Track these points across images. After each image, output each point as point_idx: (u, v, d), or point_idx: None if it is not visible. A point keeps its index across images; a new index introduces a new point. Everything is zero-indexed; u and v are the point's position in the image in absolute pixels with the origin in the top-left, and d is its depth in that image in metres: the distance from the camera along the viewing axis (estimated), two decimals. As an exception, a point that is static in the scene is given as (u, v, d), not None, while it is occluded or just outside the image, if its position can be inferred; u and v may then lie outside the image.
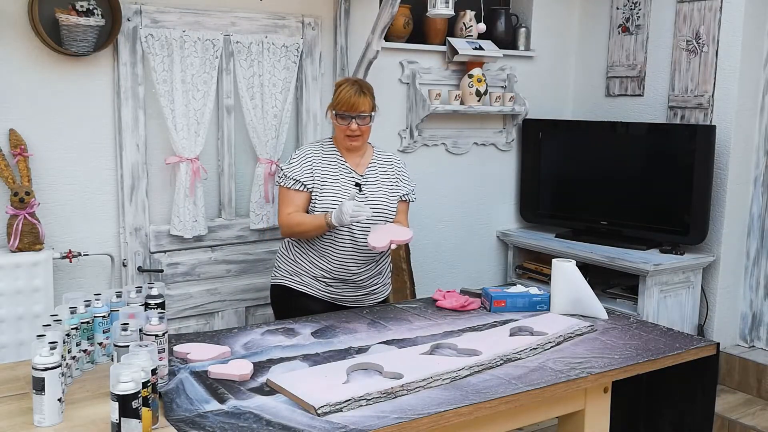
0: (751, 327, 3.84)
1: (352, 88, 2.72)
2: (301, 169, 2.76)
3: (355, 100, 2.70)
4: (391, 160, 2.92)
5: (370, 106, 2.74)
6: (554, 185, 4.18)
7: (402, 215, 2.90)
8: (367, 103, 2.73)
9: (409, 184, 2.93)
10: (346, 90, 2.72)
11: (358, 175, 2.80)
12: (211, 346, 2.21)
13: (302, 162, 2.78)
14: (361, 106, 2.71)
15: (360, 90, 2.71)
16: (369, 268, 2.80)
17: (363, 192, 2.77)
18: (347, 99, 2.70)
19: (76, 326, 1.97)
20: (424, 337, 2.38)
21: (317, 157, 2.79)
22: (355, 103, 2.70)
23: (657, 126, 3.85)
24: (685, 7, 3.78)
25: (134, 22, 3.04)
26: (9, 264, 2.75)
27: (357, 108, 2.70)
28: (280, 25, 3.38)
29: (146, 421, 1.63)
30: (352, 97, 2.69)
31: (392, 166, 2.90)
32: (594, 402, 2.25)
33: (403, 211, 2.91)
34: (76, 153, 3.02)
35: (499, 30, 4.11)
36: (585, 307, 2.65)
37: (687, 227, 3.62)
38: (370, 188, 2.80)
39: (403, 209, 2.91)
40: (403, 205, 2.91)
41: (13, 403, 1.82)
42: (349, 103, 2.70)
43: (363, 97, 2.71)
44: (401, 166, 2.93)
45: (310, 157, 2.79)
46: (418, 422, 1.78)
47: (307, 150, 2.83)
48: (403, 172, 2.93)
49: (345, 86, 2.74)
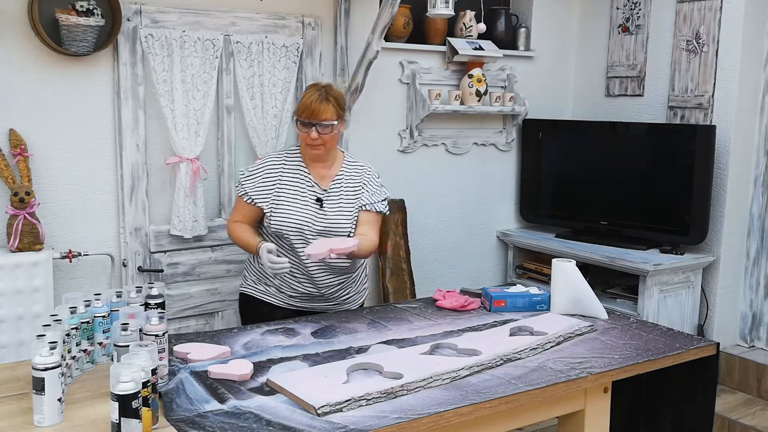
0: (751, 327, 3.84)
1: (315, 93, 2.56)
2: (254, 183, 2.65)
3: (317, 107, 2.52)
4: (361, 170, 2.73)
5: (334, 113, 2.56)
6: (554, 185, 4.18)
7: (366, 226, 2.67)
8: (331, 110, 2.55)
9: (375, 194, 2.71)
10: (309, 95, 2.56)
11: (320, 189, 2.65)
12: (211, 346, 2.21)
13: (259, 176, 2.66)
14: (323, 114, 2.53)
15: (324, 96, 2.55)
16: (336, 282, 2.71)
17: (323, 208, 2.63)
18: (308, 105, 2.53)
19: (76, 326, 1.97)
20: (424, 337, 2.38)
21: (276, 170, 2.66)
22: (317, 109, 2.52)
23: (657, 126, 3.85)
24: (685, 7, 3.78)
25: (134, 22, 3.04)
26: (9, 264, 2.75)
27: (318, 115, 2.53)
28: (280, 25, 3.38)
29: (146, 421, 1.63)
30: (314, 103, 2.53)
31: (360, 177, 2.71)
32: (594, 402, 2.25)
33: (368, 221, 2.68)
34: (76, 153, 3.02)
35: (499, 30, 4.11)
36: (585, 307, 2.65)
37: (687, 227, 3.62)
38: (331, 203, 2.65)
39: (366, 219, 2.68)
40: (366, 215, 2.69)
41: (13, 403, 1.82)
42: (310, 109, 2.53)
43: (326, 104, 2.54)
44: (370, 177, 2.74)
45: (268, 171, 2.66)
46: (418, 422, 1.78)
47: (268, 162, 2.69)
48: (372, 182, 2.73)
49: (309, 91, 2.58)
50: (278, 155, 2.72)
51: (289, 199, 2.62)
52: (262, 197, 2.64)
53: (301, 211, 2.61)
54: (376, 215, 2.72)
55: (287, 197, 2.63)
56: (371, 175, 2.75)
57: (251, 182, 2.66)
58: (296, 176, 2.66)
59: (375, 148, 3.78)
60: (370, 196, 2.70)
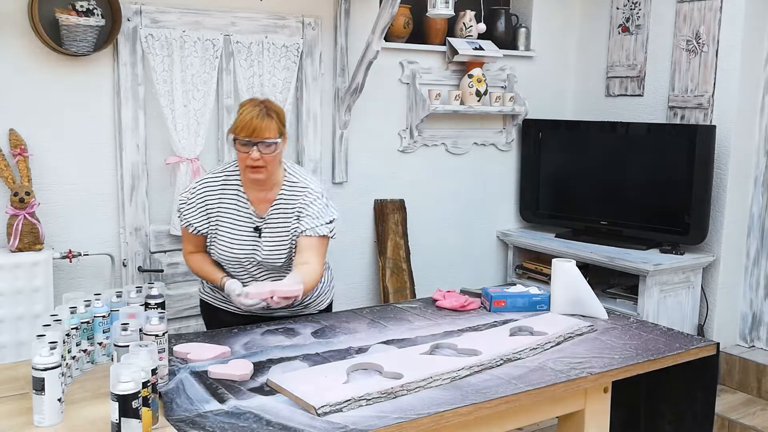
0: (751, 327, 3.84)
1: (255, 109, 2.29)
2: (195, 212, 2.43)
3: (258, 124, 2.26)
4: (300, 193, 2.41)
5: (276, 131, 2.30)
6: (554, 185, 4.18)
7: (308, 253, 2.34)
8: (273, 127, 2.29)
9: (316, 218, 2.37)
10: (247, 111, 2.29)
11: (257, 217, 2.40)
12: (211, 346, 2.21)
13: (199, 203, 2.42)
14: (264, 131, 2.27)
15: (265, 112, 2.29)
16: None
17: (261, 237, 2.40)
18: (248, 122, 2.26)
19: (76, 326, 1.97)
20: (424, 337, 2.38)
21: (214, 195, 2.42)
22: (258, 126, 2.26)
23: (657, 126, 3.85)
24: (685, 7, 3.78)
25: (134, 22, 3.04)
26: (9, 264, 2.75)
27: (259, 133, 2.26)
28: (280, 25, 3.38)
29: (146, 421, 1.63)
30: (255, 120, 2.26)
31: (297, 201, 2.40)
32: (594, 402, 2.25)
33: (309, 247, 2.35)
34: (76, 153, 3.02)
35: (499, 30, 4.11)
36: (585, 307, 2.65)
37: (687, 227, 3.62)
38: (269, 232, 2.40)
39: (308, 245, 2.35)
40: (307, 240, 2.35)
41: (13, 403, 1.82)
42: (251, 126, 2.26)
43: (268, 120, 2.28)
44: (310, 200, 2.40)
45: (208, 196, 2.42)
46: (418, 422, 1.78)
47: (205, 185, 2.43)
48: (311, 205, 2.39)
49: (247, 107, 2.32)
50: (216, 177, 2.45)
51: (227, 228, 2.41)
52: (204, 226, 2.44)
53: (240, 241, 2.40)
54: (319, 240, 2.37)
55: (225, 226, 2.42)
56: (311, 197, 2.40)
57: (192, 211, 2.44)
58: (235, 202, 2.42)
59: (375, 148, 3.78)
60: (311, 220, 2.37)
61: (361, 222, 3.80)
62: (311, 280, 2.30)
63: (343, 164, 3.67)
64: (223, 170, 2.46)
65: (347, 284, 3.79)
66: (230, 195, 2.42)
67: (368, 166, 3.78)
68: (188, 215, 2.44)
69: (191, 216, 2.43)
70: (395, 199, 3.87)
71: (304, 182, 2.43)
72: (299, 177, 2.44)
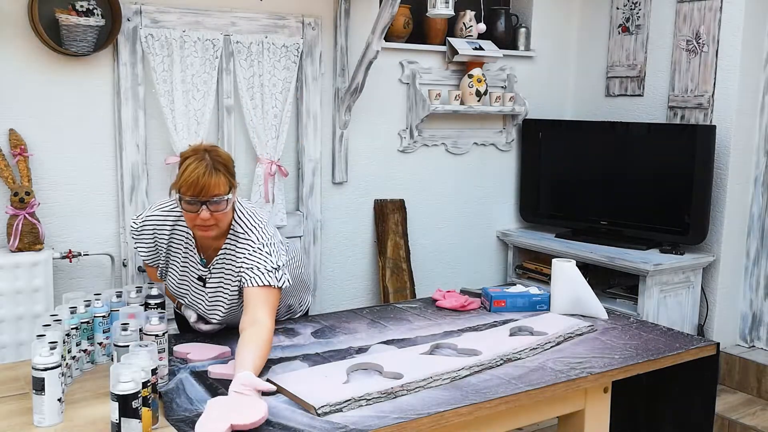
0: (751, 327, 3.84)
1: (201, 165, 2.04)
2: (144, 243, 2.31)
3: (206, 182, 2.03)
4: (244, 244, 2.16)
5: (226, 184, 2.08)
6: (554, 185, 4.18)
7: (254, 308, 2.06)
8: (222, 182, 2.06)
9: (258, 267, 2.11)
10: (192, 168, 2.04)
11: (203, 266, 2.25)
12: (212, 346, 2.21)
13: (146, 236, 2.29)
14: (213, 189, 2.04)
15: (212, 166, 2.05)
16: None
17: (206, 287, 2.26)
18: (195, 181, 2.03)
19: (76, 326, 1.97)
20: (424, 337, 2.38)
21: (164, 236, 2.28)
22: (206, 184, 2.03)
23: (657, 126, 3.85)
24: (685, 7, 3.78)
25: (134, 22, 3.04)
26: (9, 264, 2.75)
27: (208, 191, 2.04)
28: (280, 25, 3.38)
29: (146, 421, 1.63)
30: (201, 178, 2.03)
31: (240, 252, 2.16)
32: (594, 402, 2.25)
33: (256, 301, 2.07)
34: (76, 153, 3.02)
35: (499, 30, 4.11)
36: (585, 307, 2.65)
37: (687, 227, 3.62)
38: (213, 283, 2.25)
39: (253, 299, 2.08)
40: (253, 292, 2.09)
41: (13, 403, 1.82)
42: (198, 186, 2.03)
43: (216, 175, 2.05)
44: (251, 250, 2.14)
45: (154, 231, 2.28)
46: (418, 422, 1.78)
47: (155, 222, 2.28)
48: (253, 256, 2.13)
49: (191, 162, 2.06)
50: (167, 216, 2.28)
51: (176, 271, 2.31)
52: (153, 259, 2.34)
53: (188, 287, 2.31)
54: (266, 290, 2.10)
55: (174, 269, 2.31)
56: (254, 247, 2.15)
57: (142, 242, 2.31)
58: (184, 247, 2.27)
59: (375, 148, 3.78)
60: (254, 270, 2.12)
61: (361, 222, 3.80)
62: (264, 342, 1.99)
63: (343, 164, 3.67)
64: (172, 208, 2.26)
65: (347, 284, 3.80)
66: (180, 238, 2.27)
67: (368, 166, 3.78)
68: (138, 246, 2.31)
69: (141, 248, 2.31)
70: (395, 199, 3.87)
71: (247, 233, 2.18)
72: (244, 226, 2.19)
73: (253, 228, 2.19)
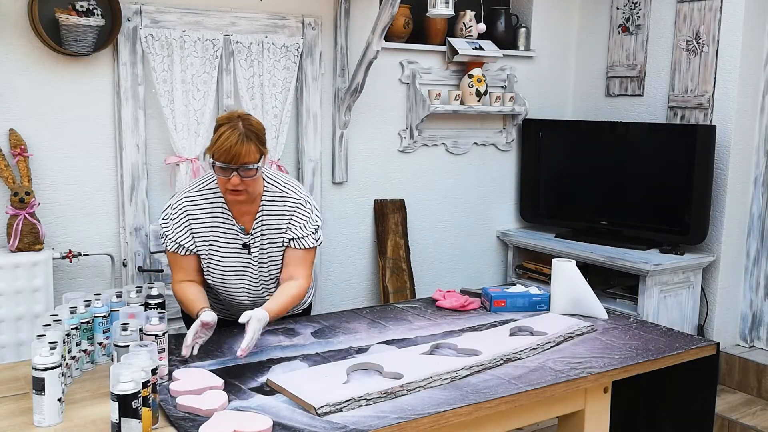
0: (751, 327, 3.84)
1: (234, 133, 2.14)
2: (179, 230, 2.29)
3: (238, 150, 2.13)
4: (284, 200, 2.31)
5: (257, 152, 2.18)
6: (554, 185, 4.18)
7: (294, 266, 2.29)
8: (253, 150, 2.16)
9: (303, 227, 2.30)
10: (226, 136, 2.14)
11: (243, 232, 2.31)
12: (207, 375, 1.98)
13: (179, 221, 2.29)
14: (244, 156, 2.14)
15: (245, 135, 2.15)
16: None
17: (251, 253, 2.32)
18: (228, 148, 2.13)
19: (76, 326, 1.97)
20: (424, 337, 2.38)
21: (196, 214, 2.29)
22: (237, 153, 2.13)
23: (657, 126, 3.85)
24: (685, 7, 3.78)
25: (134, 22, 3.04)
26: (9, 264, 2.75)
27: (239, 158, 2.14)
28: (280, 25, 3.38)
29: (146, 421, 1.63)
30: (234, 147, 2.12)
31: (284, 209, 2.30)
32: (594, 402, 2.25)
33: (296, 261, 2.29)
34: (76, 153, 3.02)
35: (499, 30, 4.11)
36: (585, 307, 2.65)
37: (687, 227, 3.62)
38: (258, 246, 2.32)
39: (295, 258, 2.29)
40: (293, 252, 2.30)
41: (13, 403, 1.82)
42: (231, 153, 2.13)
43: (248, 143, 2.15)
44: (295, 207, 2.31)
45: (186, 214, 2.29)
46: (418, 422, 1.78)
47: (185, 203, 2.30)
48: (299, 214, 2.31)
49: (225, 130, 2.15)
50: (197, 195, 2.31)
51: (218, 247, 2.31)
52: (190, 243, 2.30)
53: (232, 261, 2.32)
54: (306, 252, 2.31)
55: (217, 246, 2.31)
56: (293, 206, 2.32)
57: (176, 230, 2.29)
58: (218, 219, 2.30)
59: (375, 148, 3.78)
60: (298, 229, 2.30)
61: (361, 222, 3.80)
62: (297, 295, 2.28)
63: (343, 164, 3.67)
64: (202, 187, 2.32)
65: (347, 284, 3.80)
66: (213, 211, 2.30)
67: (368, 166, 3.78)
68: (173, 234, 2.29)
69: (176, 235, 2.29)
70: (395, 199, 3.87)
71: (285, 191, 2.33)
72: (279, 185, 2.33)
73: (289, 188, 2.35)
